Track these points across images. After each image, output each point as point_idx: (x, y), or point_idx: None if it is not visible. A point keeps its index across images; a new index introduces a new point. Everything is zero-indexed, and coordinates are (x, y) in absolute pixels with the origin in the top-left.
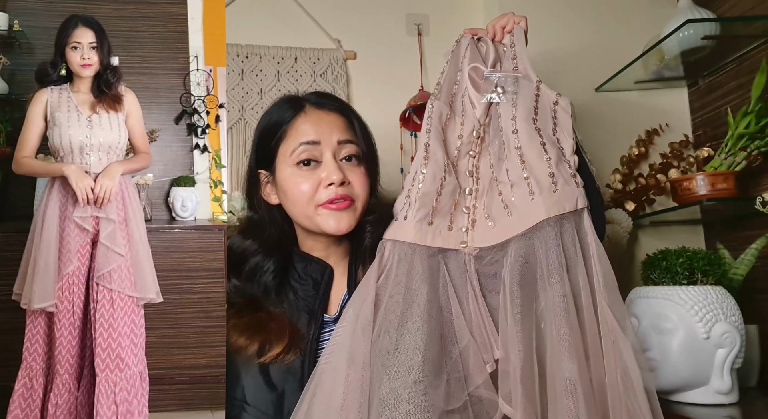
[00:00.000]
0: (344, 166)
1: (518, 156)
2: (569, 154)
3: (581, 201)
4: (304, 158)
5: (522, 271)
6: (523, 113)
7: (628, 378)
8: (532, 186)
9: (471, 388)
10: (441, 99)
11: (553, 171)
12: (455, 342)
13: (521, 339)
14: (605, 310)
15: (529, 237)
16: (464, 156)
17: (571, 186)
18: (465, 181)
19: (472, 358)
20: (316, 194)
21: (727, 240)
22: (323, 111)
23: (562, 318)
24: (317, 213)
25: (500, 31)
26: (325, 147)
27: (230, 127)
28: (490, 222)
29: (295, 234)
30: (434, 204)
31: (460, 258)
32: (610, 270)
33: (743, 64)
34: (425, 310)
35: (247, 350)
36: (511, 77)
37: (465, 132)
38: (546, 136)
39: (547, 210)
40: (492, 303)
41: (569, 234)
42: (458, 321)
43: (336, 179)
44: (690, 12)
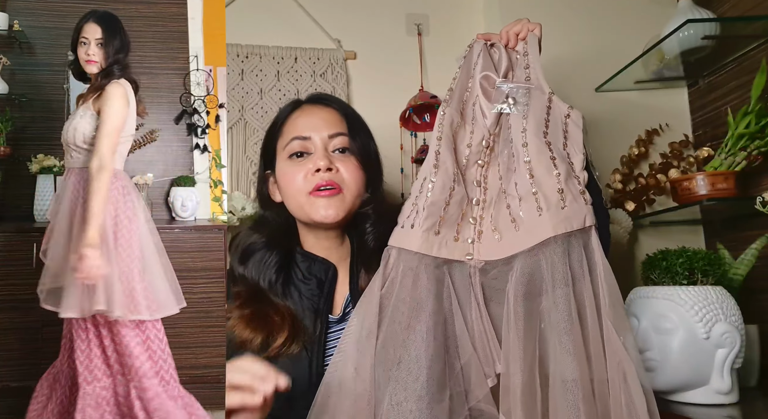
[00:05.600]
0: (335, 156)
1: (527, 170)
2: (579, 169)
3: (589, 219)
4: (296, 150)
5: (527, 287)
6: (534, 126)
7: (631, 402)
8: (540, 201)
9: (472, 403)
10: (452, 106)
11: (562, 187)
12: (458, 356)
13: (523, 356)
14: (610, 331)
15: (535, 253)
16: (473, 165)
17: (579, 203)
18: (473, 190)
19: (474, 372)
20: (305, 182)
21: (727, 240)
22: (316, 106)
23: (565, 337)
24: (307, 202)
25: (514, 38)
26: (316, 139)
27: (230, 127)
28: (496, 235)
29: (298, 232)
30: (442, 214)
31: (465, 270)
32: (616, 289)
33: (743, 64)
34: (431, 322)
35: (251, 343)
36: (523, 88)
37: (474, 141)
38: (556, 151)
39: (554, 227)
40: (496, 313)
41: (576, 252)
42: (461, 335)
43: (322, 165)
44: (690, 12)
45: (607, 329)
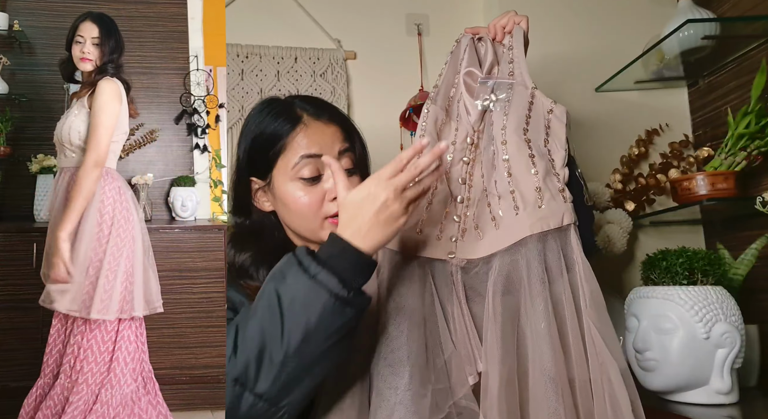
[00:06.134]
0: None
1: (506, 168)
2: (559, 166)
3: (567, 217)
4: (307, 175)
5: (505, 286)
6: (514, 123)
7: (616, 404)
8: (518, 200)
9: (454, 399)
10: (437, 103)
11: (540, 185)
12: (440, 353)
13: (502, 355)
14: (593, 331)
15: (513, 253)
16: (457, 162)
17: (557, 201)
18: (457, 188)
19: (455, 369)
20: (322, 207)
21: (727, 240)
22: (322, 121)
23: (542, 336)
24: (323, 227)
25: (500, 31)
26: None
27: (230, 127)
28: (479, 233)
29: (288, 240)
30: (424, 214)
31: (447, 269)
32: (597, 288)
33: (743, 64)
34: (413, 320)
35: None
36: (506, 84)
37: (459, 138)
38: (536, 148)
39: (531, 226)
40: (477, 312)
41: (553, 251)
42: (443, 332)
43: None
44: (690, 12)
45: (589, 329)
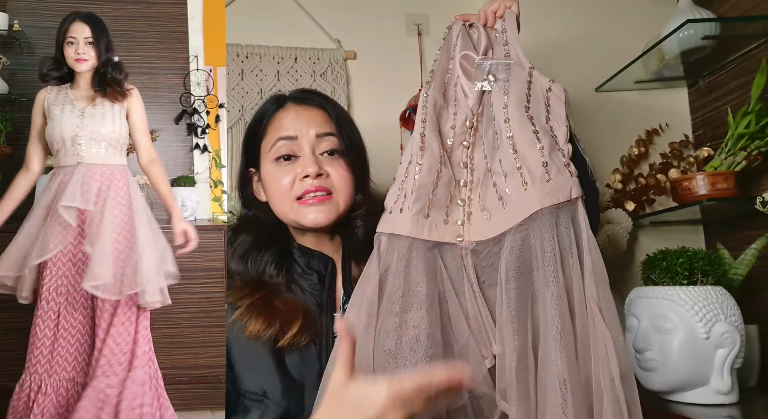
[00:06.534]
0: (323, 159)
1: (510, 145)
2: (563, 142)
3: (575, 190)
4: (283, 153)
5: (518, 264)
6: (515, 101)
7: (612, 382)
8: (525, 176)
9: (471, 384)
10: (434, 88)
11: (546, 160)
12: (455, 339)
13: (516, 334)
14: (594, 308)
15: (524, 229)
16: (458, 147)
17: (564, 175)
18: (459, 172)
19: (471, 354)
20: (293, 188)
21: (727, 240)
22: (302, 106)
23: (555, 314)
24: (294, 208)
25: (492, 16)
26: (302, 141)
27: (230, 127)
28: (485, 215)
29: (287, 228)
30: (430, 196)
31: (457, 253)
32: (601, 263)
33: (743, 64)
34: (426, 306)
35: (263, 334)
36: (503, 64)
37: (458, 122)
38: (539, 125)
39: (541, 200)
40: (490, 296)
41: (564, 224)
42: (456, 317)
43: (311, 171)
44: (690, 12)
45: (591, 307)
